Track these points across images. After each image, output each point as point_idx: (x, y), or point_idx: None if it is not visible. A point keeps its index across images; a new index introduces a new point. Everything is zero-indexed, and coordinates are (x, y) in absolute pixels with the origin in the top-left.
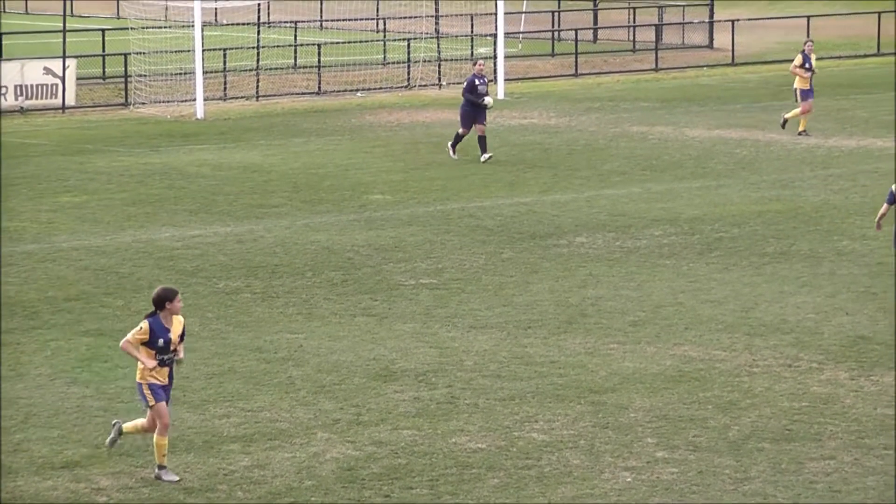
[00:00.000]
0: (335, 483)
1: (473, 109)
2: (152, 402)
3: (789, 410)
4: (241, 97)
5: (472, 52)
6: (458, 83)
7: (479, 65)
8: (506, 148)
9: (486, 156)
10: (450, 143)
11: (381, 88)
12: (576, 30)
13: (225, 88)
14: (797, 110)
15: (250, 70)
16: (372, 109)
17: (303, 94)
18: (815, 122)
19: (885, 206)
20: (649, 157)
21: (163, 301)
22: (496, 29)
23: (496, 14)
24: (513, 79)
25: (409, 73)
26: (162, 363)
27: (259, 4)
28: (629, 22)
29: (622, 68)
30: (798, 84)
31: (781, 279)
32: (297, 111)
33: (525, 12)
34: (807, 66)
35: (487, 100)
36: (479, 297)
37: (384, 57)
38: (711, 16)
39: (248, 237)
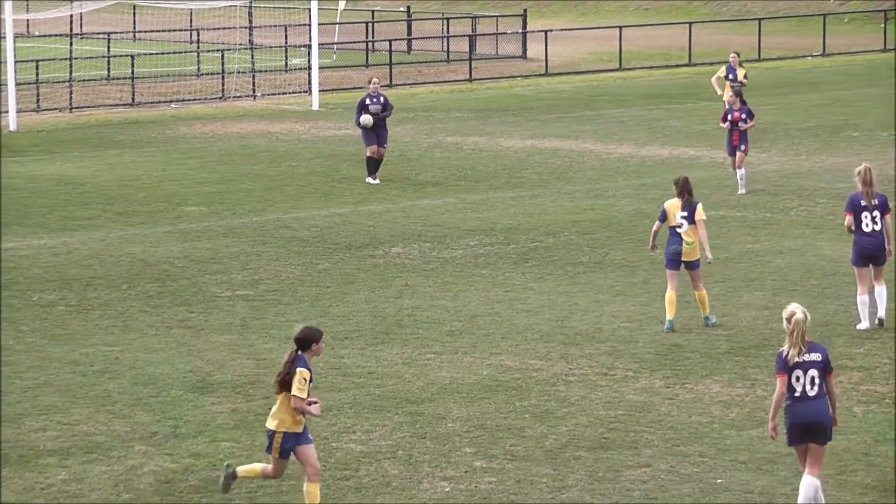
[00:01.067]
0: (153, 496)
1: (373, 129)
2: (277, 456)
3: (605, 419)
4: (55, 109)
5: (286, 63)
6: (273, 94)
7: (375, 84)
8: (320, 159)
9: (374, 180)
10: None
11: (195, 100)
12: (390, 41)
13: (38, 100)
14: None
15: (63, 81)
16: (186, 121)
17: (117, 105)
18: (627, 132)
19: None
20: (464, 167)
21: (309, 342)
22: (310, 40)
23: (310, 25)
24: (327, 89)
25: (223, 85)
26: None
27: (71, 16)
28: (443, 33)
29: (436, 79)
30: (726, 97)
31: (596, 288)
32: (111, 123)
33: (339, 23)
34: (730, 77)
35: (365, 119)
36: (296, 308)
37: (198, 68)
38: (525, 27)
39: (62, 250)
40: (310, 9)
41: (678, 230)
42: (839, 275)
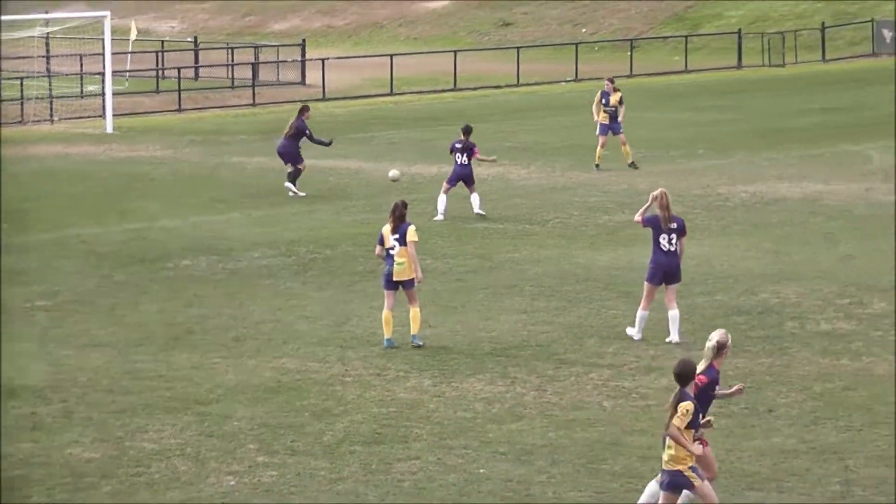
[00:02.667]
0: None
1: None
2: (699, 482)
3: (378, 416)
4: None
5: (81, 90)
6: (69, 118)
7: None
8: (115, 179)
9: (296, 192)
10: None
11: None
12: (178, 68)
13: None
14: (598, 149)
15: None
16: None
17: None
18: (399, 152)
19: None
20: (249, 185)
21: (690, 377)
22: (104, 68)
23: (104, 54)
24: (120, 114)
25: (22, 110)
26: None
27: None
28: (228, 61)
29: (222, 103)
30: (601, 119)
31: (371, 296)
32: None
33: (131, 52)
34: (604, 101)
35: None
36: (93, 317)
37: None
38: (303, 55)
39: None
40: (103, 39)
41: (391, 252)
42: (591, 280)
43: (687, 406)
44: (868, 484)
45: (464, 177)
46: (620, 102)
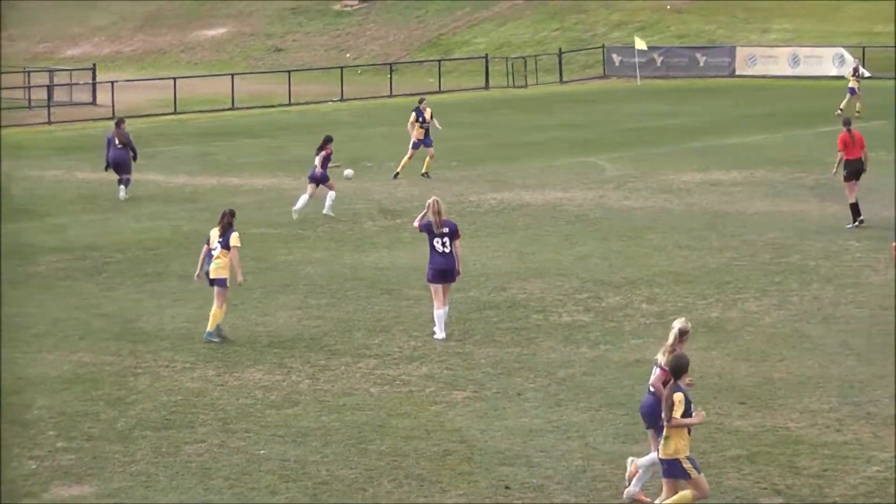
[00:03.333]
0: None
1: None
2: (695, 475)
3: (167, 403)
4: None
5: None
6: None
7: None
8: None
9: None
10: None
11: None
12: None
13: None
14: (427, 159)
15: None
16: None
17: None
18: (183, 165)
19: None
20: (46, 196)
21: (683, 370)
22: None
23: None
24: None
25: None
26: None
27: None
28: (25, 83)
29: (20, 122)
30: (415, 136)
31: (159, 295)
32: None
33: None
34: (420, 119)
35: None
36: None
37: None
38: (94, 78)
39: None
40: None
41: (213, 252)
42: (358, 279)
43: (679, 397)
44: (606, 459)
45: (320, 178)
46: (432, 117)
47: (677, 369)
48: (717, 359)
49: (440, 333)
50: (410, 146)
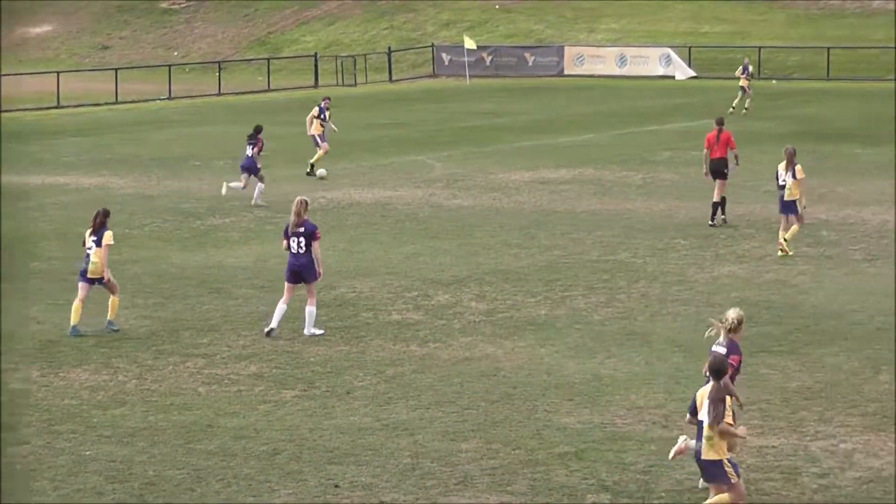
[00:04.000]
0: None
1: None
2: (735, 479)
3: None
4: None
5: None
6: None
7: None
8: None
9: None
10: None
11: None
12: None
13: None
14: (319, 152)
15: None
16: None
17: None
18: (9, 164)
19: None
20: None
21: (725, 370)
22: None
23: None
24: None
25: None
26: None
27: None
28: None
29: None
30: (314, 131)
31: None
32: None
33: None
34: (322, 117)
35: None
36: None
37: None
38: None
39: None
40: None
41: (89, 251)
42: (185, 279)
43: (730, 401)
44: (435, 457)
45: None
46: (329, 117)
47: (720, 370)
48: (545, 356)
49: (273, 323)
50: (313, 143)
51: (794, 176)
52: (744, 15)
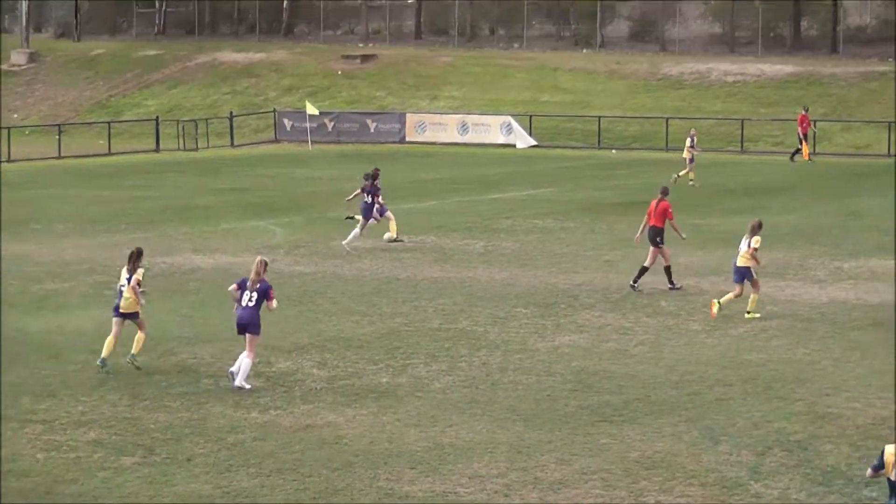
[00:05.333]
0: None
1: None
2: None
3: None
4: None
5: None
6: None
7: None
8: None
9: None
10: None
11: None
12: None
13: None
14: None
15: None
16: None
17: None
18: None
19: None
20: None
21: None
22: None
23: None
24: None
25: None
26: None
27: None
28: None
29: None
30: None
31: None
32: None
33: None
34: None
35: None
36: None
37: None
38: None
39: None
40: None
41: (122, 289)
42: (25, 343)
43: None
44: None
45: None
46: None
47: None
48: (387, 424)
49: (239, 381)
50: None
51: (749, 244)
52: (584, 85)
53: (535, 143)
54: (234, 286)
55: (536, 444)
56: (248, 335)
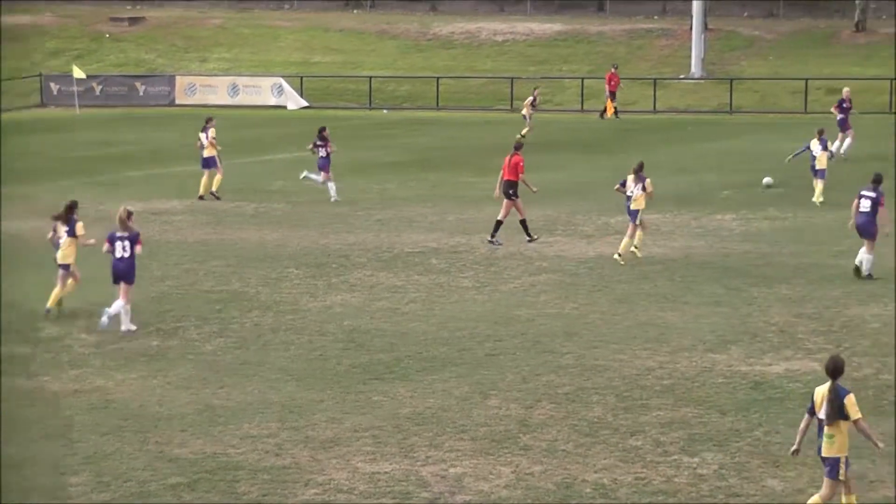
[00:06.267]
0: None
1: None
2: (844, 476)
3: None
4: None
5: None
6: None
7: None
8: None
9: None
10: None
11: None
12: None
13: None
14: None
15: None
16: None
17: None
18: None
19: None
20: None
21: (842, 370)
22: None
23: None
24: None
25: None
26: None
27: None
28: None
29: None
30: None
31: None
32: None
33: None
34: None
35: None
36: None
37: None
38: None
39: None
40: None
41: (60, 241)
42: None
43: (853, 398)
44: (43, 491)
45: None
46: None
47: (838, 370)
48: (157, 387)
49: (125, 325)
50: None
51: (643, 189)
52: (354, 45)
53: (306, 104)
54: (106, 245)
55: (308, 404)
56: (123, 284)
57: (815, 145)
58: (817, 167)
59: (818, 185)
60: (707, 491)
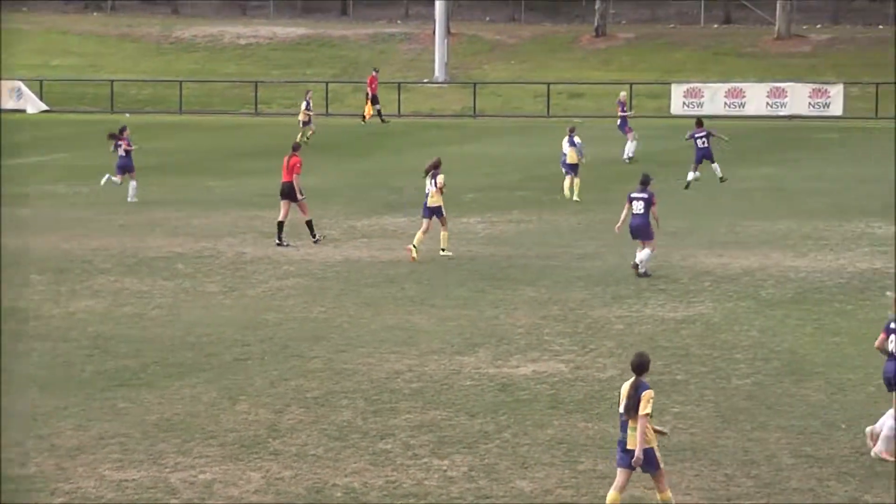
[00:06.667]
0: None
1: None
2: (662, 468)
3: None
4: None
5: None
6: None
7: None
8: None
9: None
10: None
11: None
12: None
13: None
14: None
15: None
16: None
17: None
18: None
19: None
20: None
21: (646, 367)
22: None
23: None
24: None
25: None
26: None
27: None
28: None
29: None
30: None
31: None
32: None
33: None
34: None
35: None
36: None
37: None
38: None
39: None
40: None
41: None
42: None
43: (650, 394)
44: None
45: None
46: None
47: (642, 366)
48: None
49: None
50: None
51: (436, 185)
52: (95, 48)
53: (46, 108)
54: None
55: (53, 411)
56: None
57: (565, 144)
58: (568, 162)
59: (570, 181)
60: (457, 493)
